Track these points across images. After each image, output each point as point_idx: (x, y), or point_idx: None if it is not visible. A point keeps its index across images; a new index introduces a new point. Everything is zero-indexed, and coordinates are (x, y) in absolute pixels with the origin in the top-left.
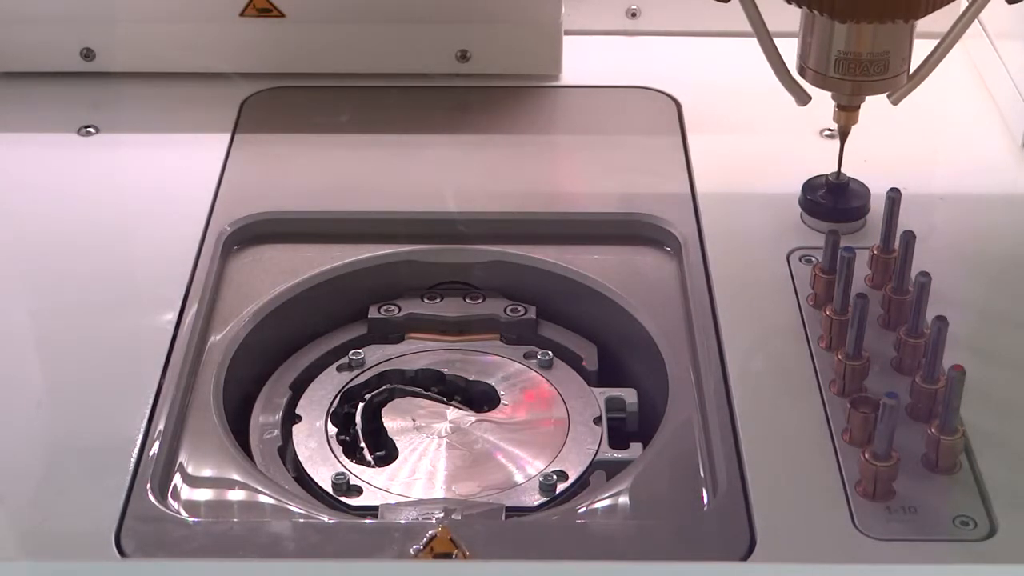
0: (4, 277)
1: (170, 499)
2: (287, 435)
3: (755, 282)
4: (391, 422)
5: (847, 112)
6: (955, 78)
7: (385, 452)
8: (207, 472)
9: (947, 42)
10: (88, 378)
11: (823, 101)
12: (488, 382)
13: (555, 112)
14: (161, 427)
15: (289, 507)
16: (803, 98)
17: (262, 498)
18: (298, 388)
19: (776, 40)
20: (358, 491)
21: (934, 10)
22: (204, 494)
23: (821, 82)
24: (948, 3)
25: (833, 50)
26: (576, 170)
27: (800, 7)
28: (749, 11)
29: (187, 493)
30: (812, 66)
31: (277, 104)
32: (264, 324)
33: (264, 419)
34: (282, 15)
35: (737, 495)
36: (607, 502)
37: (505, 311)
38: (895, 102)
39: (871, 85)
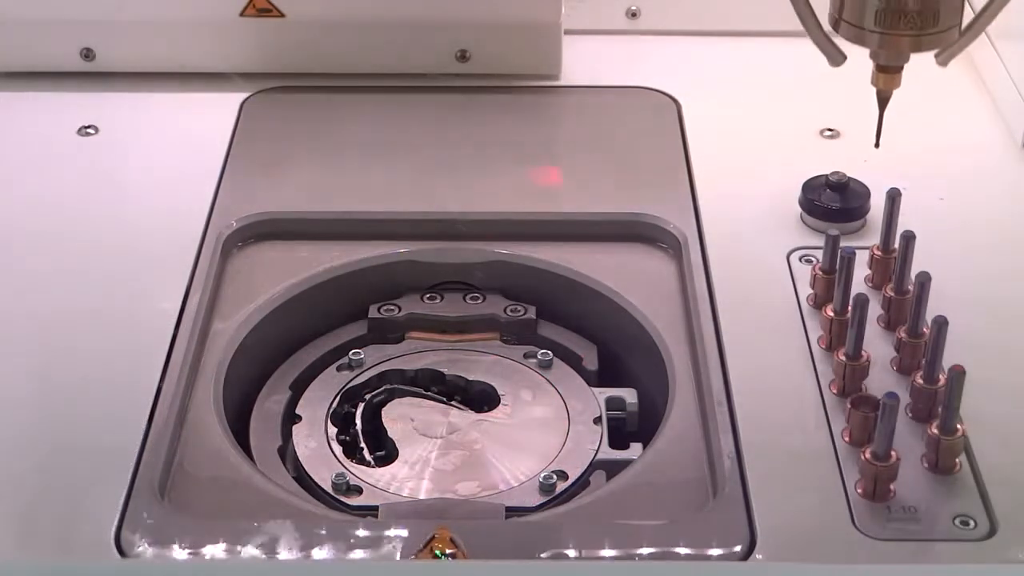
0: (3, 277)
1: (170, 499)
2: (287, 435)
3: (755, 282)
4: (391, 422)
5: (887, 75)
6: (955, 78)
7: (385, 452)
8: (207, 472)
9: None
10: (88, 378)
11: (823, 99)
12: (488, 382)
13: (555, 112)
14: (161, 427)
15: (289, 507)
16: (837, 58)
17: (262, 498)
18: (298, 388)
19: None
20: (358, 491)
21: None
22: (204, 494)
23: (858, 37)
24: None
25: (874, 1)
26: (576, 170)
27: None
28: None
29: (187, 493)
30: (847, 18)
31: (277, 104)
32: (264, 324)
33: (264, 419)
34: (282, 15)
35: (737, 495)
36: (607, 502)
37: (505, 311)
38: (943, 62)
39: (918, 41)
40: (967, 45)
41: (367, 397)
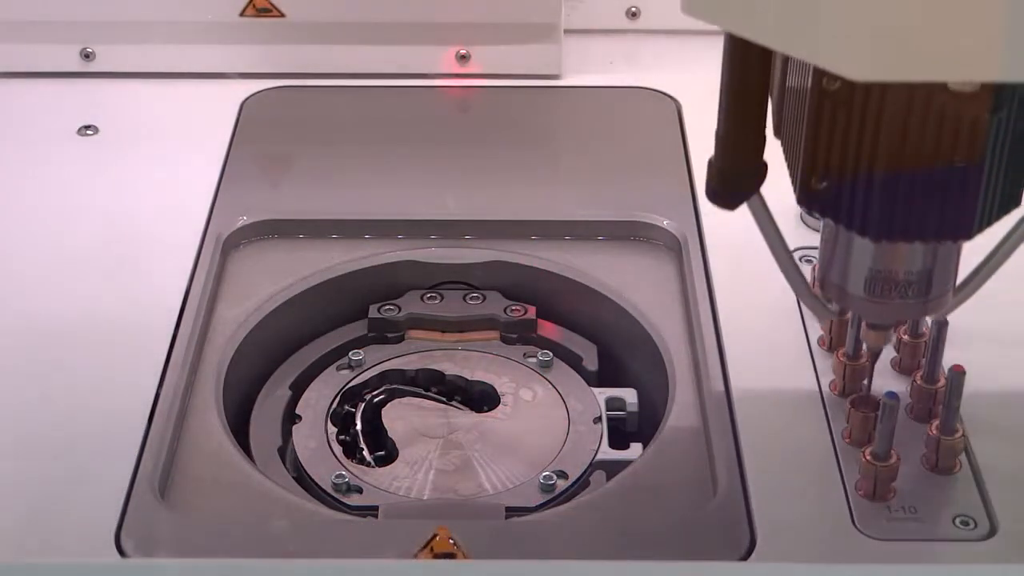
0: (3, 277)
1: (170, 499)
2: (287, 435)
3: (755, 282)
4: (391, 422)
5: (878, 331)
6: None
7: (385, 452)
8: (207, 472)
9: (1005, 248)
10: (88, 377)
11: None
12: (488, 382)
13: (555, 112)
14: (161, 427)
15: (289, 507)
16: (825, 316)
17: (262, 498)
18: (298, 388)
19: None
20: (358, 491)
21: (988, 226)
22: (204, 494)
23: (847, 302)
24: (1005, 215)
25: (862, 267)
26: (576, 170)
27: (822, 218)
28: (760, 217)
29: (187, 493)
30: (836, 281)
31: (277, 104)
32: (264, 324)
33: (264, 419)
34: (282, 15)
35: (737, 495)
36: (607, 502)
37: (505, 311)
38: (938, 318)
39: (908, 308)
40: (963, 302)
41: (367, 397)
